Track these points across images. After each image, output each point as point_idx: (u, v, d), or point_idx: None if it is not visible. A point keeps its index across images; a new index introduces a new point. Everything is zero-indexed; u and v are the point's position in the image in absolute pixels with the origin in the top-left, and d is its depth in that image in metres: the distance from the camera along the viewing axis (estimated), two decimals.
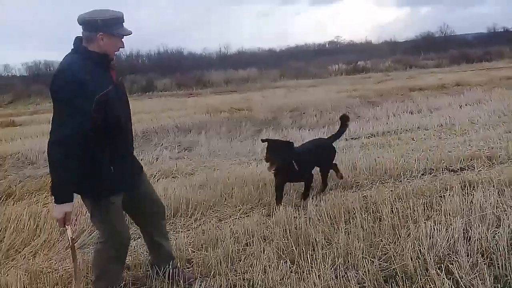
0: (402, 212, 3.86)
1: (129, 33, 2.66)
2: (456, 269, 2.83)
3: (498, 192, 4.14)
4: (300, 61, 33.79)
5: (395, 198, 4.27)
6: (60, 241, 3.97)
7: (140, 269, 3.34)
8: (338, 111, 10.94)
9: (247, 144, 7.98)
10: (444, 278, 2.74)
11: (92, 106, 2.49)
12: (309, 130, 9.14)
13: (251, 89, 21.70)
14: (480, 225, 3.42)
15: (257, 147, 7.49)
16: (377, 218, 3.83)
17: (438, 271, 2.84)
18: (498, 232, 3.28)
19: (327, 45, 50.87)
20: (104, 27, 2.54)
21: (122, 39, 2.66)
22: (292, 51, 44.45)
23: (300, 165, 4.39)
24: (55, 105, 2.51)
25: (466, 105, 10.52)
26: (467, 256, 2.98)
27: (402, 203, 4.10)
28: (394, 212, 3.87)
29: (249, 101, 14.33)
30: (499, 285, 2.69)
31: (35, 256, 3.72)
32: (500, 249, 3.01)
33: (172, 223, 4.28)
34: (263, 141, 4.54)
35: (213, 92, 22.69)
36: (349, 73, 29.06)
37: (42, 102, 24.98)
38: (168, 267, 3.08)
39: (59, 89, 2.49)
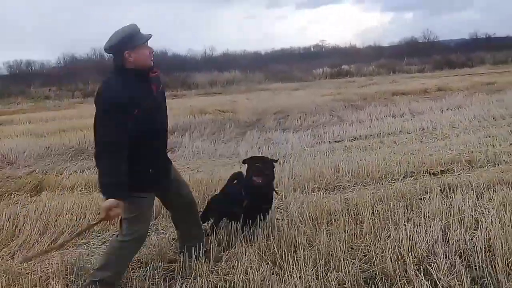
0: (383, 214, 3.90)
1: (149, 37, 2.86)
2: (435, 270, 2.88)
3: (476, 196, 4.22)
4: (285, 64, 33.90)
5: (376, 201, 4.33)
6: (39, 242, 3.91)
7: None
8: (322, 114, 11.04)
9: (231, 145, 7.98)
10: (422, 279, 2.78)
11: (131, 118, 2.73)
12: (293, 132, 9.18)
13: (236, 91, 21.68)
14: (459, 227, 3.48)
15: (240, 149, 7.50)
16: (358, 220, 3.87)
17: (417, 272, 2.88)
18: (476, 235, 3.34)
19: (312, 49, 51.19)
20: (125, 45, 2.77)
21: (147, 45, 2.86)
22: (277, 54, 44.59)
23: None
24: (100, 116, 2.75)
25: (447, 109, 10.68)
26: (445, 257, 3.03)
27: (383, 206, 4.15)
28: (375, 214, 3.92)
29: (234, 103, 14.33)
30: (476, 287, 2.74)
31: (13, 257, 3.65)
32: (478, 251, 3.06)
33: (154, 224, 4.26)
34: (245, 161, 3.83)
35: (198, 94, 22.61)
36: (334, 77, 29.26)
37: (23, 102, 24.59)
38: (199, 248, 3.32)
39: (104, 103, 2.74)
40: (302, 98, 15.40)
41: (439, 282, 2.77)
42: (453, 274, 2.83)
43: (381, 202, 4.29)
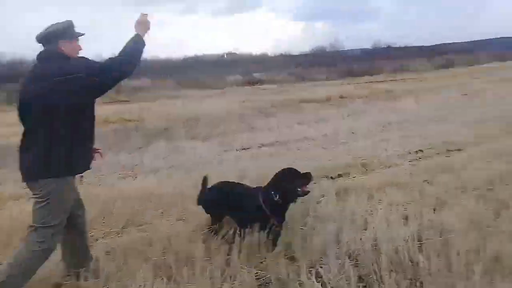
0: None
1: (83, 34, 3.00)
2: (325, 272, 2.97)
3: (368, 197, 4.47)
4: (197, 72, 33.72)
5: None
6: None
7: None
8: (232, 122, 11.12)
9: (136, 156, 7.69)
10: (314, 282, 2.86)
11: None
12: (202, 140, 9.11)
13: (145, 99, 21.03)
14: (350, 228, 3.65)
15: (145, 159, 7.27)
16: None
17: (309, 275, 2.96)
18: (365, 235, 3.52)
19: (225, 56, 51.49)
20: (62, 35, 2.88)
21: (78, 42, 2.99)
22: (190, 61, 44.20)
23: None
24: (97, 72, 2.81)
25: (348, 116, 11.33)
26: (336, 259, 3.16)
27: None
28: None
29: (141, 111, 13.89)
30: (362, 284, 2.88)
31: None
32: (365, 250, 3.23)
33: None
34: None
35: (104, 102, 21.58)
36: (246, 85, 29.68)
37: None
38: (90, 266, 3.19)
39: (89, 67, 2.83)
40: (214, 105, 15.42)
41: (329, 283, 2.87)
42: (342, 274, 2.94)
43: None
